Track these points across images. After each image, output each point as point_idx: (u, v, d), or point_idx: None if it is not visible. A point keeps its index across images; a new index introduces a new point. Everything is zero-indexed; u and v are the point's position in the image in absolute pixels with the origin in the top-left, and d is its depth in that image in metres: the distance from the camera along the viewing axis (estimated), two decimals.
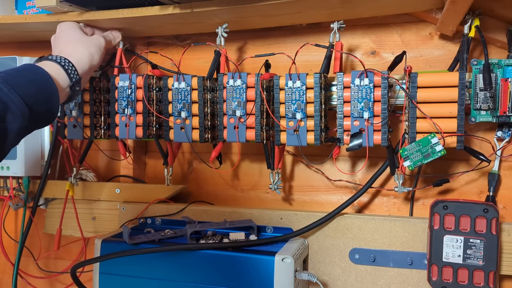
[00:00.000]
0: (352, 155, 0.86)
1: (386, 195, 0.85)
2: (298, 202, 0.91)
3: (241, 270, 0.72)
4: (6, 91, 0.55)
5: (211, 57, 0.80)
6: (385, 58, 0.85)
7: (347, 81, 0.71)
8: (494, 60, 0.67)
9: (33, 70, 0.63)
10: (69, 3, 0.79)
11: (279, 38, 0.90)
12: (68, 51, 0.71)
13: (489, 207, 0.69)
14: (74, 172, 0.91)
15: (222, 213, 0.85)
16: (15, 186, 0.99)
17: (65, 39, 0.75)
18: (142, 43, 0.98)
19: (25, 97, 0.57)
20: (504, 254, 0.71)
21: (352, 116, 0.70)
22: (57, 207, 0.98)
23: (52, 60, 0.67)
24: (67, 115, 0.85)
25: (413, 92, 0.68)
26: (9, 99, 0.55)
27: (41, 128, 0.66)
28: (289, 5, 0.73)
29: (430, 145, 0.67)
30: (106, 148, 1.02)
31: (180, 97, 0.79)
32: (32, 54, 0.96)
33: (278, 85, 0.73)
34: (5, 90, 0.55)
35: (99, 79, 0.84)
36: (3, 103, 0.55)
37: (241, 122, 0.76)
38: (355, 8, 0.76)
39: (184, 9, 0.77)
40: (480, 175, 0.79)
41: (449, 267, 0.71)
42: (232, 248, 0.75)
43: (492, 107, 0.67)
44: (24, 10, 0.95)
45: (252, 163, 0.93)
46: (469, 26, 0.70)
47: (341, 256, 0.79)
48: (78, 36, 0.75)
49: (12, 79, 0.58)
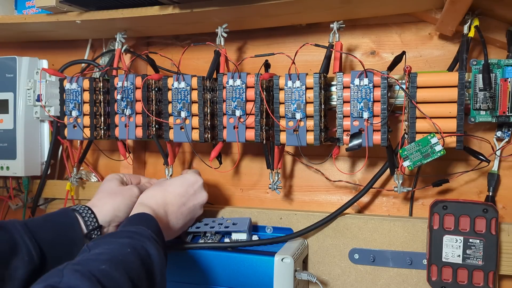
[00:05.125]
0: (352, 155, 0.86)
1: (386, 195, 0.85)
2: (297, 202, 0.91)
3: (240, 270, 0.72)
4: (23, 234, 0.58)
5: (211, 57, 0.80)
6: (385, 58, 0.85)
7: (346, 81, 0.71)
8: (493, 60, 0.67)
9: (62, 214, 0.66)
10: (68, 3, 0.79)
11: (279, 38, 0.90)
12: (94, 200, 0.73)
13: (489, 207, 0.69)
14: (74, 172, 0.91)
15: (222, 213, 0.85)
16: (15, 186, 1.00)
17: (99, 190, 0.76)
18: (142, 43, 0.98)
19: (42, 241, 0.59)
20: (504, 254, 0.71)
21: (352, 116, 0.70)
22: (57, 207, 0.98)
23: (74, 209, 0.69)
24: (67, 115, 0.85)
25: (412, 92, 0.68)
26: (23, 242, 0.57)
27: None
28: (289, 5, 0.73)
29: (430, 145, 0.67)
30: (106, 148, 1.02)
31: (180, 97, 0.79)
32: (32, 54, 0.96)
33: (278, 85, 0.73)
34: (22, 233, 0.58)
35: (99, 80, 0.84)
36: (13, 248, 0.56)
37: (241, 122, 0.76)
38: (355, 8, 0.76)
39: (184, 9, 0.77)
40: (480, 175, 0.79)
41: (449, 267, 0.71)
42: (231, 248, 0.75)
43: (491, 107, 0.67)
44: (24, 10, 0.95)
45: (251, 163, 0.93)
46: (469, 26, 0.70)
47: (340, 256, 0.79)
48: (111, 187, 0.76)
49: (33, 221, 0.61)
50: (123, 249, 0.54)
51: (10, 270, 0.55)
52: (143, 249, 0.56)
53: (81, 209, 0.68)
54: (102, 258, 0.50)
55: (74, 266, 0.48)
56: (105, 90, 0.85)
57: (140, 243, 0.56)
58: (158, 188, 0.75)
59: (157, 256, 0.56)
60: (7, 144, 0.93)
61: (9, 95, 0.93)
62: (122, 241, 0.56)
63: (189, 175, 0.79)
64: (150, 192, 0.74)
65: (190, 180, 0.77)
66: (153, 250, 0.56)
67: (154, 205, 0.71)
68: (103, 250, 0.53)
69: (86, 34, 0.97)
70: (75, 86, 0.84)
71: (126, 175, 0.81)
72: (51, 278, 0.46)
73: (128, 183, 0.80)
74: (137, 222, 0.64)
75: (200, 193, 0.78)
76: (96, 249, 0.54)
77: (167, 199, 0.73)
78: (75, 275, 0.46)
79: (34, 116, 0.93)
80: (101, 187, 0.76)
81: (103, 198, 0.73)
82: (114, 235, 0.59)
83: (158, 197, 0.73)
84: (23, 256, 0.57)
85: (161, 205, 0.72)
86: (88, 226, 0.67)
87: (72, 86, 0.84)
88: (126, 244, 0.55)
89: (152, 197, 0.73)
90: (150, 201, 0.72)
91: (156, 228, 0.64)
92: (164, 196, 0.74)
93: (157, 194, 0.74)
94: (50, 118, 0.93)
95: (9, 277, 0.55)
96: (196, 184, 0.78)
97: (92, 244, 0.56)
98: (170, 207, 0.73)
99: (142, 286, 0.52)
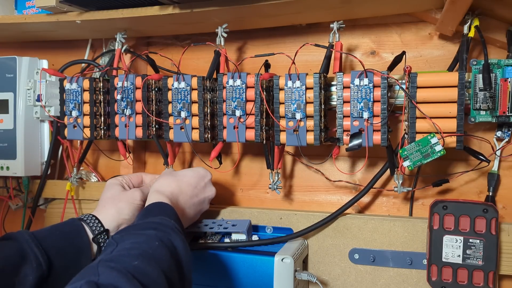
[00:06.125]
0: (352, 155, 0.86)
1: (386, 195, 0.85)
2: (297, 202, 0.91)
3: (240, 270, 0.72)
4: (30, 242, 0.59)
5: (211, 57, 0.80)
6: (385, 58, 0.85)
7: (346, 81, 0.71)
8: (493, 60, 0.67)
9: (68, 223, 0.67)
10: (68, 3, 0.79)
11: (279, 38, 0.90)
12: (98, 208, 0.73)
13: (489, 207, 0.69)
14: (74, 172, 0.91)
15: (222, 212, 0.85)
16: (15, 186, 1.00)
17: (101, 197, 0.76)
18: (142, 43, 0.98)
19: (49, 249, 0.60)
20: (504, 254, 0.71)
21: (352, 116, 0.70)
22: (57, 207, 0.98)
23: (79, 218, 0.69)
24: (67, 115, 0.85)
25: (412, 92, 0.68)
26: (30, 250, 0.58)
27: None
28: (289, 5, 0.73)
29: (430, 145, 0.67)
30: (106, 148, 1.02)
31: (180, 97, 0.79)
32: (32, 54, 0.96)
33: (278, 85, 0.73)
34: (30, 241, 0.59)
35: (99, 80, 0.84)
36: (22, 256, 0.57)
37: (241, 122, 0.76)
38: (355, 8, 0.76)
39: (184, 9, 0.77)
40: (480, 175, 0.79)
41: (449, 267, 0.71)
42: (231, 248, 0.75)
43: (491, 107, 0.67)
44: (24, 10, 0.95)
45: (251, 163, 0.93)
46: (469, 26, 0.70)
47: (340, 256, 0.79)
48: (112, 194, 0.76)
49: (40, 231, 0.62)
50: (151, 242, 0.55)
51: (20, 277, 0.56)
52: (169, 241, 0.56)
53: (86, 217, 0.69)
54: (134, 253, 0.51)
55: (108, 263, 0.49)
56: (105, 90, 0.85)
57: (166, 235, 0.57)
58: (172, 178, 0.75)
59: (183, 248, 0.57)
60: (7, 144, 0.93)
61: (9, 95, 0.93)
62: (149, 234, 0.56)
63: (200, 168, 0.79)
64: (165, 181, 0.74)
65: (201, 173, 0.78)
66: (178, 241, 0.57)
67: (169, 194, 0.71)
68: (132, 245, 0.53)
69: (86, 34, 0.97)
70: (75, 86, 0.84)
71: (126, 178, 0.81)
72: (88, 275, 0.46)
73: (129, 186, 0.80)
74: (157, 212, 0.65)
75: (210, 187, 0.79)
76: (123, 242, 0.54)
77: (182, 189, 0.74)
78: (112, 273, 0.46)
79: (34, 116, 0.93)
80: (103, 195, 0.76)
81: (106, 205, 0.73)
82: (139, 227, 0.60)
83: (174, 186, 0.73)
84: (32, 263, 0.58)
85: (175, 194, 0.72)
86: (94, 231, 0.67)
87: (72, 86, 0.84)
88: (153, 237, 0.56)
89: (167, 186, 0.73)
90: (166, 190, 0.72)
91: (176, 218, 0.65)
92: (179, 185, 0.74)
93: (172, 183, 0.74)
94: (50, 118, 0.93)
95: (19, 283, 0.56)
96: (207, 177, 0.79)
97: (118, 237, 0.56)
98: (184, 196, 0.74)
99: (174, 278, 0.52)
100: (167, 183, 0.74)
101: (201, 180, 0.77)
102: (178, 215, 0.66)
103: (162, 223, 0.60)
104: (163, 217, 0.62)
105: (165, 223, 0.60)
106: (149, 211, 0.65)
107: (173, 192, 0.72)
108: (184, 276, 0.55)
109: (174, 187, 0.73)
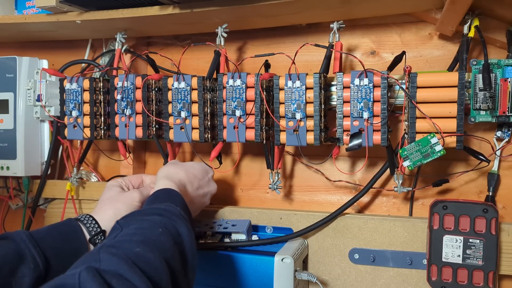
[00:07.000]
0: (352, 155, 0.86)
1: (386, 195, 0.85)
2: (297, 202, 0.91)
3: (240, 270, 0.72)
4: (28, 242, 0.58)
5: (211, 57, 0.80)
6: (385, 58, 0.85)
7: (346, 81, 0.71)
8: (493, 60, 0.67)
9: (65, 223, 0.67)
10: (68, 3, 0.79)
11: (279, 38, 0.90)
12: (96, 209, 0.73)
13: (489, 207, 0.69)
14: (74, 172, 0.91)
15: (222, 212, 0.85)
16: (15, 186, 1.00)
17: (100, 198, 0.76)
18: (142, 43, 0.98)
19: (46, 249, 0.59)
20: (504, 254, 0.71)
21: (352, 116, 0.70)
22: (57, 207, 0.98)
23: (76, 219, 0.69)
24: (67, 115, 0.85)
25: (412, 92, 0.68)
26: (28, 251, 0.58)
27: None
28: (288, 5, 0.73)
29: (430, 145, 0.67)
30: (106, 148, 1.02)
31: (180, 97, 0.79)
32: (32, 54, 0.96)
33: (278, 85, 0.73)
34: (27, 242, 0.58)
35: (99, 80, 0.84)
36: (20, 256, 0.57)
37: (241, 122, 0.76)
38: (355, 8, 0.76)
39: (184, 9, 0.77)
40: (480, 175, 0.79)
41: (449, 267, 0.71)
42: (231, 248, 0.75)
43: (491, 107, 0.67)
44: (24, 10, 0.95)
45: (251, 163, 0.93)
46: (469, 26, 0.70)
47: (340, 256, 0.79)
48: (110, 195, 0.75)
49: (38, 231, 0.62)
50: (155, 228, 0.55)
51: (17, 277, 0.56)
52: (173, 228, 0.56)
53: (83, 218, 0.69)
54: (136, 240, 0.51)
55: (109, 249, 0.49)
56: (105, 90, 0.85)
57: (170, 221, 0.57)
58: (180, 167, 0.75)
59: (187, 235, 0.57)
60: (7, 144, 0.93)
61: (9, 95, 0.93)
62: (153, 219, 0.56)
63: (204, 163, 0.80)
64: (172, 169, 0.74)
65: (205, 167, 0.79)
66: (183, 228, 0.57)
67: (178, 181, 0.71)
68: (136, 231, 0.54)
69: (86, 34, 0.97)
70: (75, 86, 0.84)
71: (126, 179, 0.81)
72: (89, 261, 0.46)
73: (128, 187, 0.80)
74: (164, 198, 0.65)
75: (213, 182, 0.80)
76: (127, 228, 0.55)
77: (189, 178, 0.74)
78: (112, 259, 0.46)
79: (34, 116, 0.94)
80: (102, 196, 0.76)
81: (104, 205, 0.73)
82: (144, 213, 0.60)
83: (182, 175, 0.73)
84: (29, 264, 0.57)
85: (183, 183, 0.72)
86: (91, 231, 0.67)
87: (72, 86, 0.84)
88: (157, 223, 0.56)
89: (176, 174, 0.73)
90: (175, 177, 0.72)
91: (183, 204, 0.65)
92: (186, 175, 0.74)
93: (180, 172, 0.74)
94: (50, 118, 0.93)
95: (16, 284, 0.56)
96: (210, 173, 0.80)
97: (123, 222, 0.57)
98: (190, 186, 0.74)
99: (176, 265, 0.52)
100: (176, 171, 0.74)
101: (205, 174, 0.78)
102: (185, 202, 0.66)
103: (167, 209, 0.60)
104: (170, 203, 0.62)
105: (171, 210, 0.60)
106: (156, 197, 0.65)
107: (181, 180, 0.72)
108: (187, 263, 0.55)
109: (182, 176, 0.73)
